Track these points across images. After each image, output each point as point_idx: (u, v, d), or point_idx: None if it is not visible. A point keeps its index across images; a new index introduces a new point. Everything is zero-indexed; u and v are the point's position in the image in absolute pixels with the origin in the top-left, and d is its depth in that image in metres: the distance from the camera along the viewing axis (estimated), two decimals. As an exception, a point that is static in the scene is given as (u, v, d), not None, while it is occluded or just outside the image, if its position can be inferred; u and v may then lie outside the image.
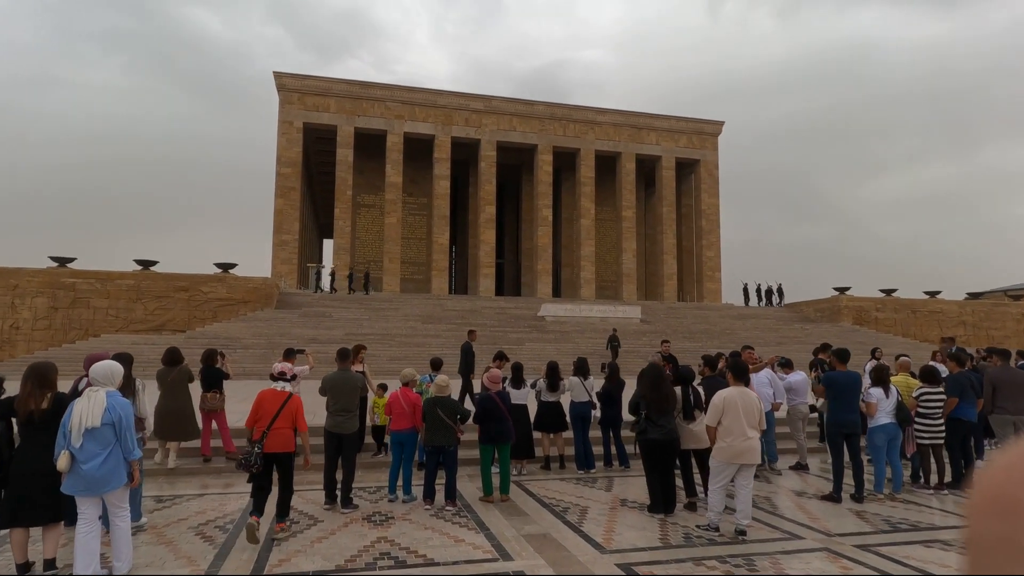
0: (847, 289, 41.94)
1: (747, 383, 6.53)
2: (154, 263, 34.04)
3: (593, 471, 9.45)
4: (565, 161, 52.33)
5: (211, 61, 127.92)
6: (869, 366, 13.83)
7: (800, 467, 9.78)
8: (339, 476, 7.57)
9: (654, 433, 6.90)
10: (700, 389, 7.55)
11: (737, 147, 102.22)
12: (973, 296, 46.25)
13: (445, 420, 7.46)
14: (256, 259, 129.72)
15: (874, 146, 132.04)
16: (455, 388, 11.16)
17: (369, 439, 10.45)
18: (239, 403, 12.94)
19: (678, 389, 7.35)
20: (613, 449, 9.80)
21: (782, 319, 41.33)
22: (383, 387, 10.38)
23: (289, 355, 9.49)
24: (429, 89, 48.47)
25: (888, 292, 42.66)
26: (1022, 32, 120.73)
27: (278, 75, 45.29)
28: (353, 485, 7.64)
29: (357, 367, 10.34)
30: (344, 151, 45.38)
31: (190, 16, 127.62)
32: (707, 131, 53.42)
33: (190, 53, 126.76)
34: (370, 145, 48.66)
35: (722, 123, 53.89)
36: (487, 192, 47.68)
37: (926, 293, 43.49)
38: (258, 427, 6.56)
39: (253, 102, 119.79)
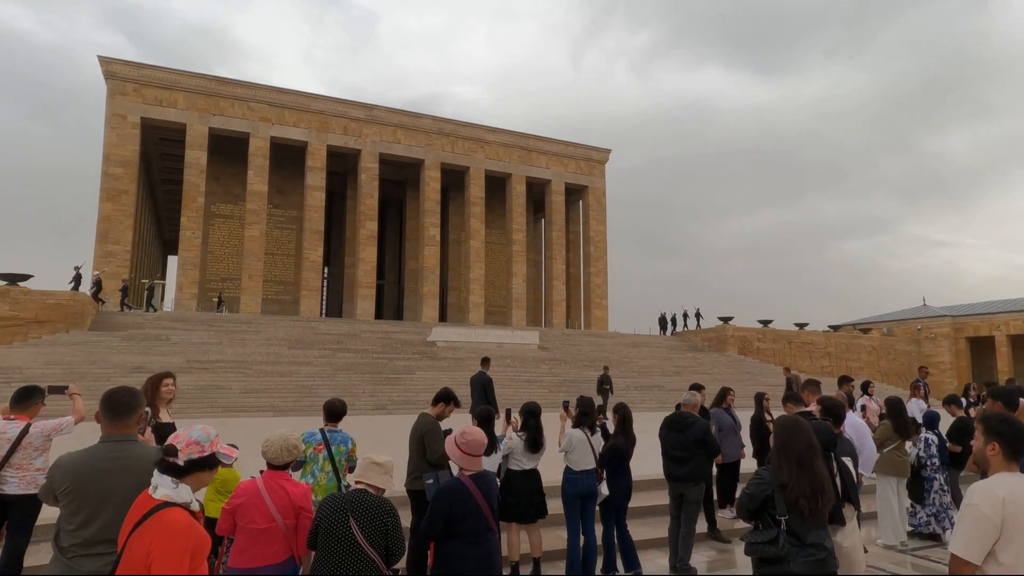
0: (731, 319, 42.48)
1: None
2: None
3: (593, 585, 5.83)
4: (453, 180, 49.22)
5: (23, 63, 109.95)
6: (863, 401, 11.74)
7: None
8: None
9: (803, 565, 3.36)
10: (849, 464, 4.25)
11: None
12: (834, 328, 49.34)
13: (366, 550, 3.36)
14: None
15: (720, 193, 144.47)
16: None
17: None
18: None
19: None
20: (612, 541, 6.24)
21: (673, 348, 40.77)
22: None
23: (25, 399, 5.01)
24: (302, 92, 43.32)
25: (765, 323, 43.91)
26: (826, 103, 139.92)
27: (105, 61, 37.42)
28: None
29: (163, 417, 5.44)
30: (195, 153, 38.62)
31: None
32: (595, 158, 53.13)
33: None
34: (229, 150, 42.20)
35: (609, 151, 53.97)
36: (368, 207, 43.08)
37: (796, 325, 45.42)
38: None
39: (81, 110, 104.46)
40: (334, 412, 5.58)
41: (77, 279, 29.00)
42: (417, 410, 23.61)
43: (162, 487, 2.67)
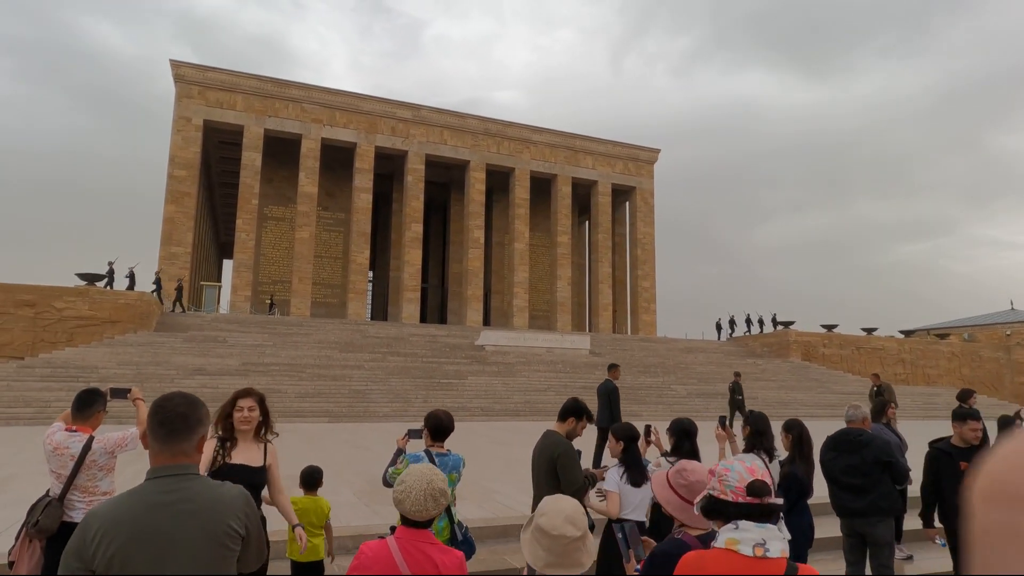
0: (792, 323, 40.81)
1: None
2: (-10, 272, 26.60)
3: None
4: (497, 181, 48.91)
5: (107, 74, 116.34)
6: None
7: None
8: None
9: None
10: None
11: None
12: (906, 334, 46.87)
13: None
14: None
15: (762, 196, 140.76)
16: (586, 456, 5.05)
17: None
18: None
19: None
20: None
21: (730, 353, 39.42)
22: (312, 483, 5.14)
23: (87, 407, 4.23)
24: (351, 92, 43.70)
25: (829, 328, 41.98)
26: (881, 102, 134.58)
27: (176, 64, 38.89)
28: None
29: (239, 456, 4.00)
30: (251, 154, 39.41)
31: (85, 27, 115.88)
32: (642, 158, 52.02)
33: (84, 64, 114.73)
34: (281, 152, 42.92)
35: (658, 151, 52.75)
36: (414, 209, 43.14)
37: (864, 330, 43.31)
38: None
39: (153, 119, 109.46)
40: (441, 428, 4.36)
41: (110, 276, 28.95)
42: (472, 417, 23.16)
43: (774, 540, 1.96)
